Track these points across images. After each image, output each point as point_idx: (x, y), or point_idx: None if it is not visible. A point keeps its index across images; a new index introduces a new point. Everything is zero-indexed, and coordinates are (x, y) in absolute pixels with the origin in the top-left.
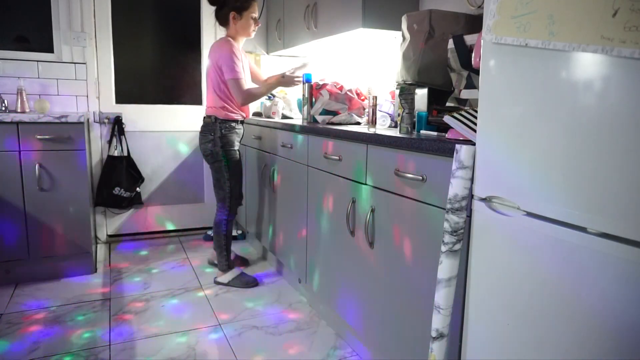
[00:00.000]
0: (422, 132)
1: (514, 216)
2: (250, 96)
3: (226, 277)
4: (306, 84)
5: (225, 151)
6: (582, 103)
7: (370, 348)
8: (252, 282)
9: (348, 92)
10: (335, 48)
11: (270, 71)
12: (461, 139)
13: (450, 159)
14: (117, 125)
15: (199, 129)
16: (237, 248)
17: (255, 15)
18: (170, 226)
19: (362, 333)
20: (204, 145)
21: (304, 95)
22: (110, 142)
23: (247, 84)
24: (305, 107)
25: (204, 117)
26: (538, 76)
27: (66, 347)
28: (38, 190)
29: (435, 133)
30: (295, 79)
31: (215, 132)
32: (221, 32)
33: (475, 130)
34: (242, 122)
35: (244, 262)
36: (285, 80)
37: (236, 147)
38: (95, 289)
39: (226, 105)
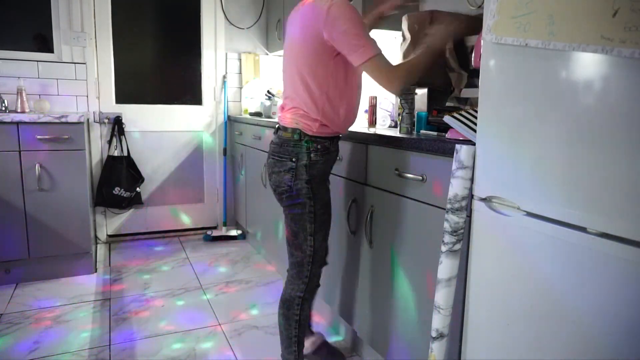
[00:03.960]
0: (422, 132)
1: (514, 216)
2: (406, 72)
3: None
4: None
5: (312, 187)
6: (582, 103)
7: (370, 348)
8: None
9: None
10: None
11: (271, 71)
12: (461, 139)
13: (450, 159)
14: (117, 125)
15: (270, 149)
16: (237, 249)
17: None
18: (170, 226)
19: (362, 333)
20: (277, 175)
21: None
22: (110, 142)
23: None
24: None
25: (278, 129)
26: (538, 76)
27: (66, 347)
28: (38, 190)
29: (435, 133)
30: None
31: (300, 156)
32: (221, 32)
33: (475, 130)
34: (338, 140)
35: (336, 356)
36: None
37: (328, 182)
38: (95, 289)
39: (324, 111)
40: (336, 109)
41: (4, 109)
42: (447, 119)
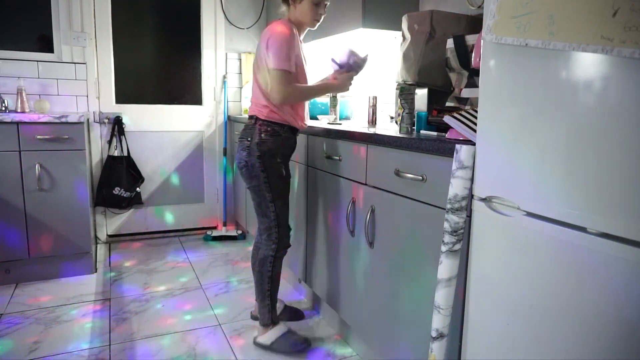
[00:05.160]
0: (422, 132)
1: (514, 216)
2: (294, 93)
3: (268, 337)
4: None
5: (263, 162)
6: (582, 103)
7: (370, 348)
8: (302, 344)
9: None
10: (335, 48)
11: None
12: (461, 139)
13: (450, 159)
14: (117, 125)
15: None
16: (237, 249)
17: (320, 1)
18: (170, 226)
19: (362, 333)
20: (239, 153)
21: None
22: (110, 142)
23: (303, 81)
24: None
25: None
26: (538, 76)
27: (66, 347)
28: (38, 190)
29: (435, 133)
30: (349, 80)
31: (253, 136)
32: (221, 32)
33: (475, 130)
34: (294, 131)
35: (295, 315)
36: (339, 83)
37: (279, 159)
38: (95, 289)
39: (270, 102)
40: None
41: (4, 109)
42: (447, 119)
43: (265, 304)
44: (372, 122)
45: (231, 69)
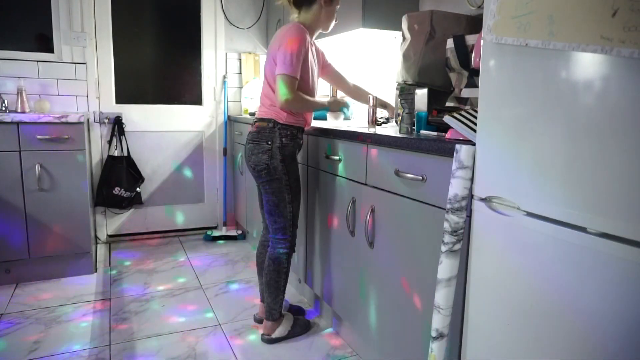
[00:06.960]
0: (422, 132)
1: (514, 216)
2: (298, 101)
3: (283, 329)
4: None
5: (286, 165)
6: (581, 103)
7: (370, 348)
8: (308, 323)
9: None
10: (335, 48)
11: None
12: (461, 139)
13: (450, 159)
14: (117, 125)
15: (249, 137)
16: (237, 249)
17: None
18: (170, 226)
19: (362, 333)
20: (256, 156)
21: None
22: (110, 142)
23: (312, 89)
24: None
25: (257, 121)
26: (538, 76)
27: (66, 347)
28: (38, 190)
29: (435, 133)
30: (342, 105)
31: (274, 140)
32: (221, 32)
33: (475, 130)
34: (302, 132)
35: (299, 312)
36: (333, 103)
37: (296, 161)
38: (95, 289)
39: None
40: None
41: (4, 109)
42: (447, 119)
43: (279, 299)
44: (372, 122)
45: (231, 69)
